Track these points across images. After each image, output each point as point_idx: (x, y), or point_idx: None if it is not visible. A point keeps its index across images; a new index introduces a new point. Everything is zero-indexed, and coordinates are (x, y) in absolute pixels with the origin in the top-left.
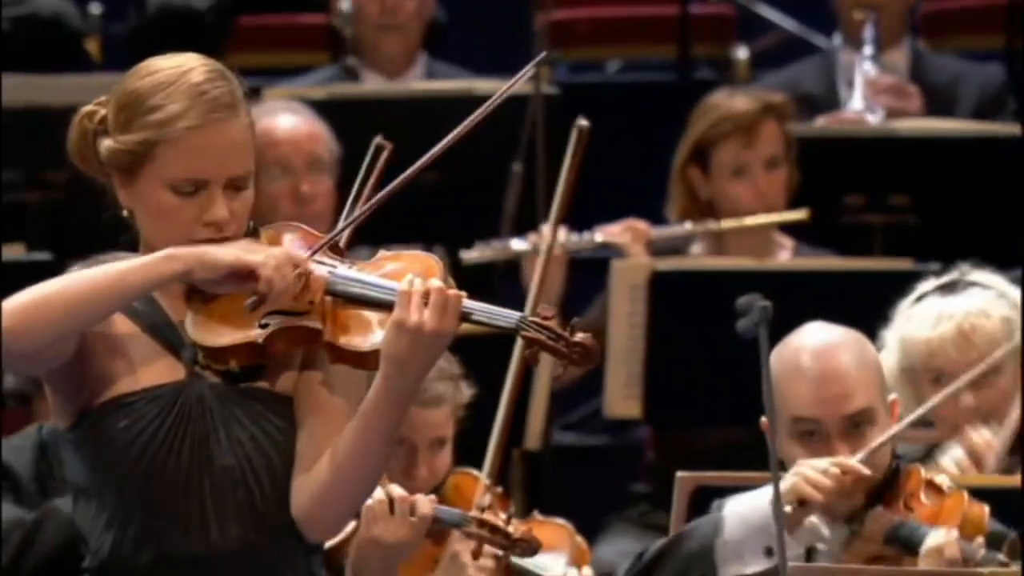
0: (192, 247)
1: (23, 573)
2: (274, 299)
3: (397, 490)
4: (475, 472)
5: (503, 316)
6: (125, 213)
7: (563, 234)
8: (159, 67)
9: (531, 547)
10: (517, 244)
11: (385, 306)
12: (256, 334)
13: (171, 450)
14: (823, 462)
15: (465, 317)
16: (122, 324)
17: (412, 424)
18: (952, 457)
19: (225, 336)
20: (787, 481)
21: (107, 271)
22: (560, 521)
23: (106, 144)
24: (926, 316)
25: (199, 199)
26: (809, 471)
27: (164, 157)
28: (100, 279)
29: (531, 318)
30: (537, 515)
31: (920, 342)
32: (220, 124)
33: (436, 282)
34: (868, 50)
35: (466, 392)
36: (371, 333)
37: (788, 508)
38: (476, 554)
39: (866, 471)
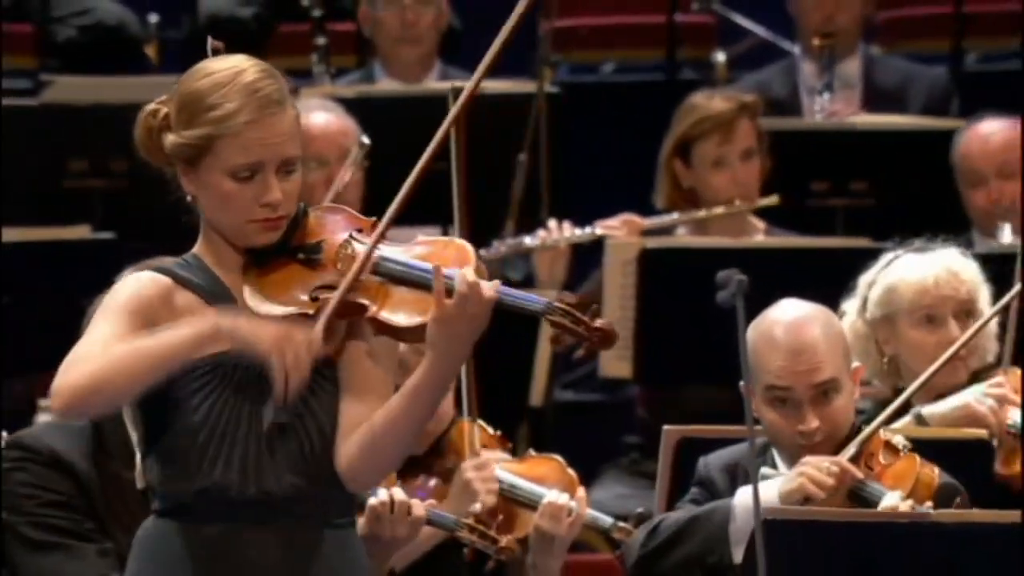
0: (234, 324)
1: None
2: (295, 378)
3: (398, 493)
4: (478, 421)
5: (532, 301)
6: (189, 198)
7: (568, 229)
8: (215, 68)
9: (513, 553)
10: (529, 241)
11: (424, 287)
12: (308, 306)
13: (232, 412)
14: (825, 462)
15: (496, 303)
16: (184, 298)
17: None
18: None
19: (279, 306)
20: (793, 481)
21: (160, 345)
22: (552, 456)
23: (170, 139)
24: (911, 264)
25: (255, 184)
26: (813, 471)
27: (224, 149)
28: (155, 352)
29: (556, 304)
30: (531, 452)
31: (908, 284)
32: (272, 118)
33: (469, 274)
34: (827, 76)
35: None
36: (410, 310)
37: (795, 504)
38: (470, 556)
39: (860, 474)
